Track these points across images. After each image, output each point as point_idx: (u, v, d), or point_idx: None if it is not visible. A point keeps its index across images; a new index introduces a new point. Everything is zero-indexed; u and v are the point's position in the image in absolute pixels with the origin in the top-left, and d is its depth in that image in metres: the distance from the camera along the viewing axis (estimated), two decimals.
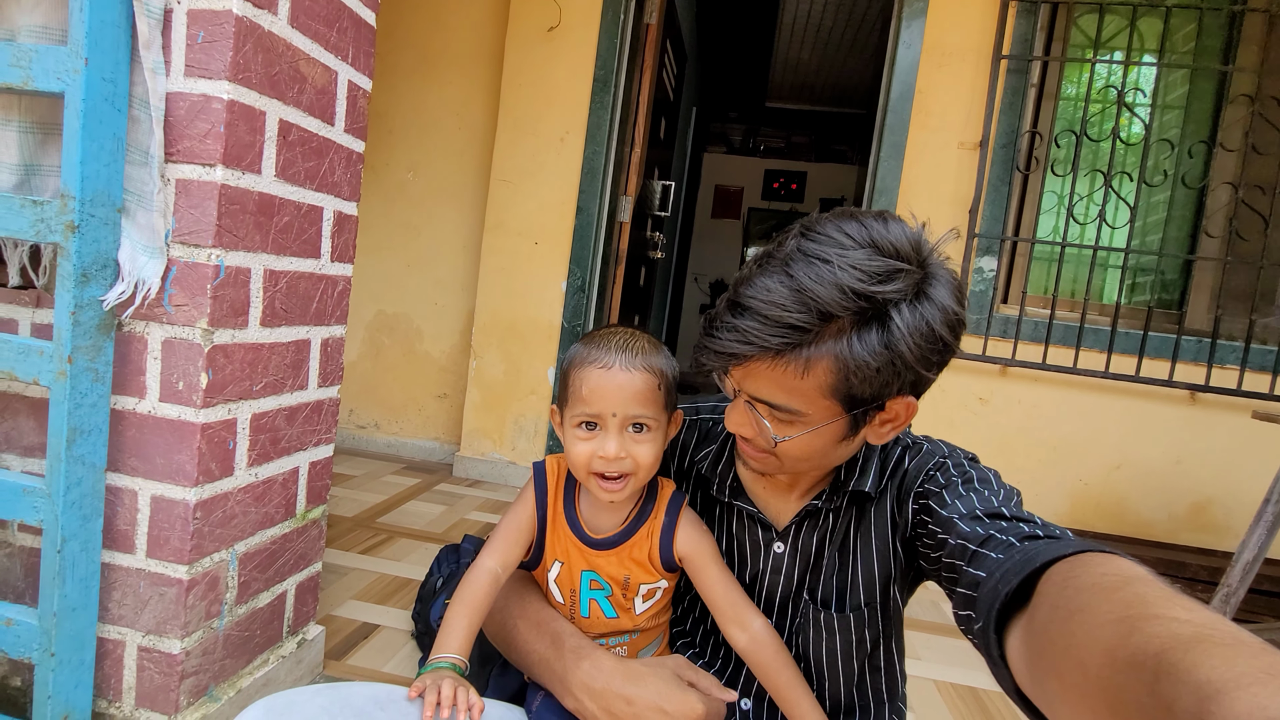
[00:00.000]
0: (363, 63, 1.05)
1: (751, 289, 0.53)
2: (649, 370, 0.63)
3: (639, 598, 0.68)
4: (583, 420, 0.63)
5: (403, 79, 2.62)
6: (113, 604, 0.87)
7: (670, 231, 4.21)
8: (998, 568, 0.47)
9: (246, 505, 0.94)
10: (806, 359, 0.52)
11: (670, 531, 0.67)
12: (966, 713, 1.31)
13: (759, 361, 0.54)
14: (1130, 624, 0.32)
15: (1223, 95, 2.18)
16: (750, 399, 0.57)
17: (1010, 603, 0.45)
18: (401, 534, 1.87)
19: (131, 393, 0.85)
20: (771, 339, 0.52)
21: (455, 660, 0.62)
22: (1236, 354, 2.11)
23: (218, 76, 0.81)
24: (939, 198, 2.21)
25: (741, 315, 0.53)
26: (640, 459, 0.63)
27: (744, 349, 0.53)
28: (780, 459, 0.60)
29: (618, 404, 0.62)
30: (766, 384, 0.55)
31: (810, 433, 0.56)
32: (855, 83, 5.01)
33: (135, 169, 0.80)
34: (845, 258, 0.51)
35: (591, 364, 0.63)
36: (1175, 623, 0.31)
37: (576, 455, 0.64)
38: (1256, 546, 1.61)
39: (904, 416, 0.58)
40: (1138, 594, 0.35)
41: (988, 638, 0.45)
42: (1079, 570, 0.41)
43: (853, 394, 0.54)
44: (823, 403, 0.55)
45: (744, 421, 0.59)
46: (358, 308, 2.70)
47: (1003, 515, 0.54)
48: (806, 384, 0.53)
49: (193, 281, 0.83)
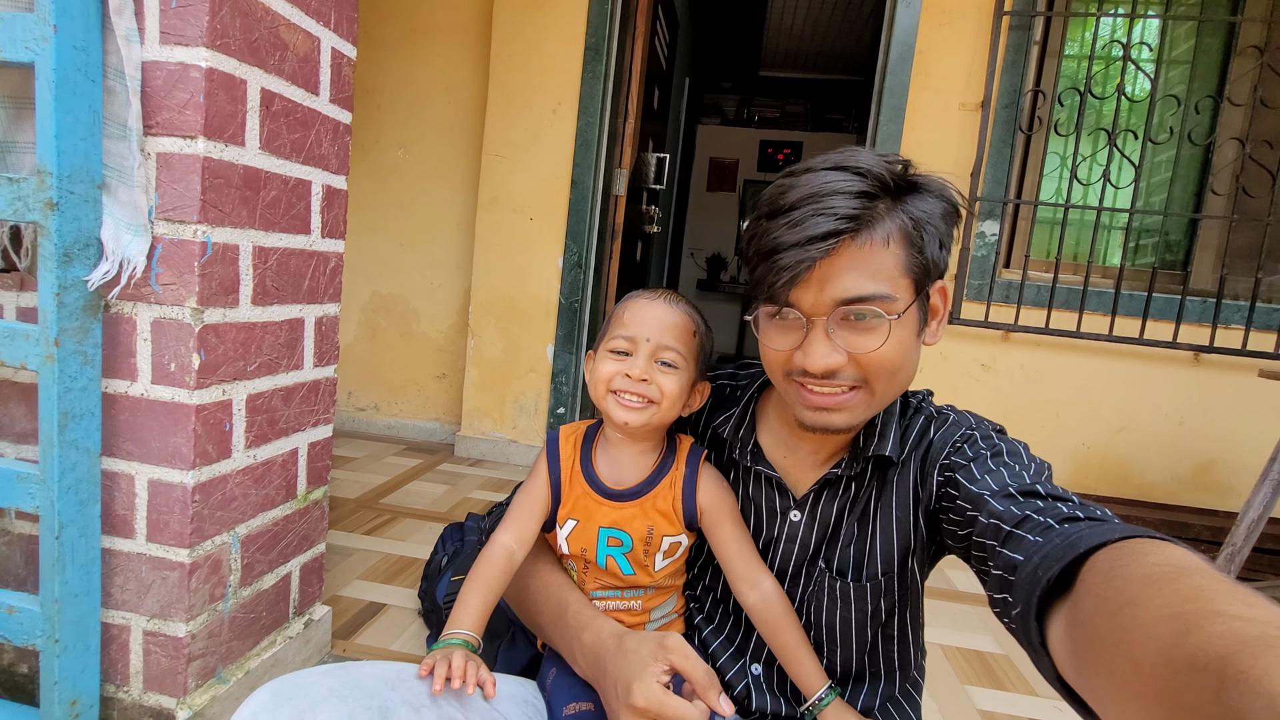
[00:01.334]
0: (346, 29, 1.01)
1: (797, 188, 0.55)
2: (689, 313, 0.67)
3: (660, 553, 0.67)
4: (616, 346, 0.65)
5: (390, 53, 2.55)
6: (115, 589, 0.86)
7: (665, 205, 4.16)
8: (1036, 551, 0.45)
9: (246, 487, 0.92)
10: (887, 229, 0.54)
11: (692, 483, 0.67)
12: (974, 675, 1.32)
13: (845, 248, 0.54)
14: (1187, 620, 0.30)
15: (1230, 48, 2.13)
16: (842, 305, 0.55)
17: (1051, 589, 0.43)
18: (405, 514, 1.87)
19: (123, 375, 0.83)
20: (852, 207, 0.53)
21: (467, 637, 0.61)
22: (1241, 313, 2.09)
23: (194, 43, 0.77)
24: (940, 161, 2.17)
25: (805, 205, 0.54)
26: (665, 388, 0.63)
27: (834, 225, 0.53)
28: (872, 381, 0.57)
29: (654, 330, 0.64)
30: (855, 275, 0.54)
31: (900, 325, 0.56)
32: (850, 48, 4.91)
33: (114, 143, 0.77)
34: (851, 154, 0.56)
35: (638, 296, 0.67)
36: (1238, 621, 0.29)
37: (601, 373, 0.65)
38: (1261, 505, 1.61)
39: (943, 307, 0.61)
40: (1194, 587, 0.33)
41: (1028, 625, 0.43)
42: (1127, 558, 0.38)
43: (923, 266, 0.56)
44: (904, 282, 0.56)
45: (829, 349, 0.56)
46: (352, 289, 2.67)
47: (1038, 494, 0.52)
48: (890, 259, 0.55)
49: (179, 259, 0.80)
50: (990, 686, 1.28)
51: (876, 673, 0.70)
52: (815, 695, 0.65)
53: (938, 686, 1.27)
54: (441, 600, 1.19)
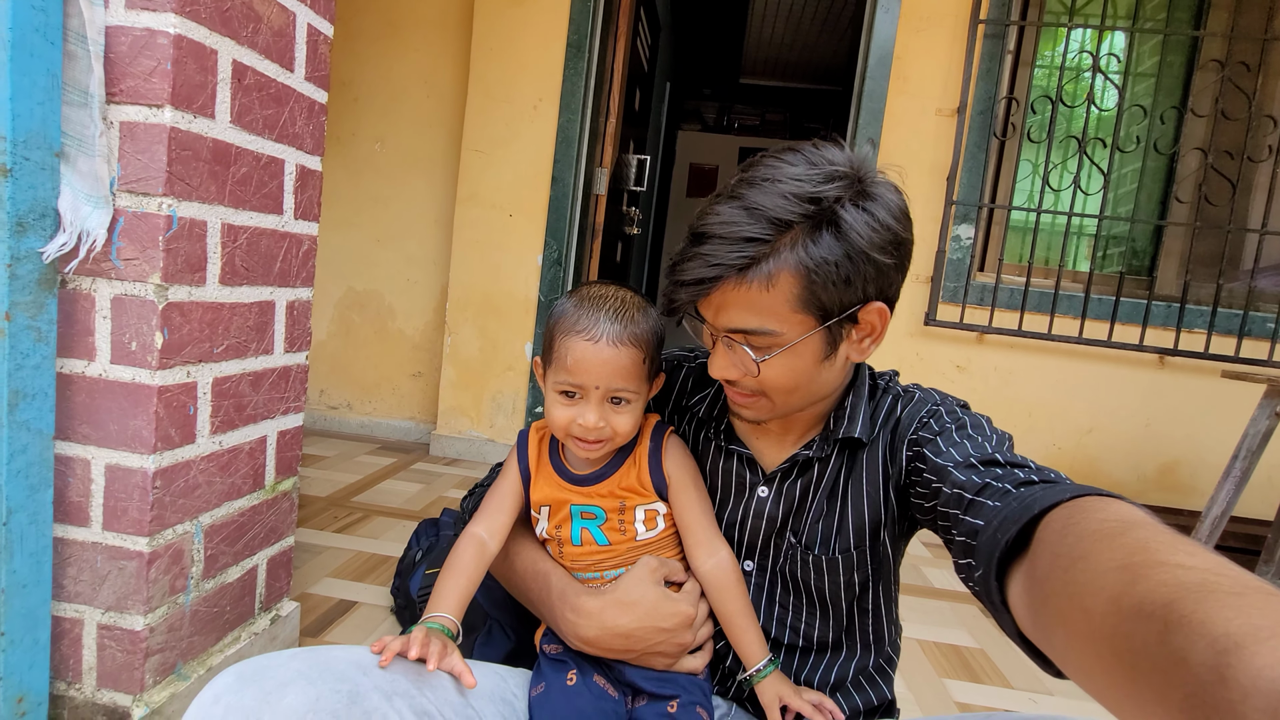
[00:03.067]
0: (323, 6, 0.99)
1: (707, 219, 0.57)
2: (635, 344, 0.63)
3: (639, 523, 0.67)
4: (564, 388, 0.63)
5: (368, 45, 2.51)
6: (68, 580, 0.81)
7: (646, 209, 4.16)
8: (995, 515, 0.47)
9: (211, 475, 0.89)
10: (769, 272, 0.55)
11: (658, 455, 0.68)
12: (950, 669, 1.33)
13: (727, 285, 0.56)
14: (1134, 571, 0.32)
15: (1193, 61, 2.21)
16: (727, 334, 0.58)
17: (1010, 550, 0.45)
18: (378, 512, 1.82)
19: (80, 355, 0.79)
20: (732, 256, 0.54)
21: (445, 621, 0.59)
22: (1204, 318, 2.15)
23: (162, 9, 0.74)
24: (917, 165, 2.20)
25: (702, 243, 0.56)
26: (618, 428, 0.63)
27: (710, 271, 0.55)
28: (770, 395, 0.60)
29: (601, 378, 0.62)
30: (738, 310, 0.57)
31: (789, 353, 0.57)
32: (829, 59, 4.98)
33: (74, 110, 0.74)
34: (786, 173, 0.55)
35: (578, 334, 0.62)
36: (1180, 569, 0.31)
37: (556, 419, 0.64)
38: (1224, 502, 1.66)
39: (879, 326, 0.60)
40: (1139, 539, 0.34)
41: (989, 585, 0.45)
42: (1078, 516, 0.40)
43: (822, 302, 0.56)
44: (795, 318, 0.56)
45: (727, 364, 0.60)
46: (326, 285, 2.61)
47: (997, 462, 0.54)
48: (775, 298, 0.55)
49: (143, 233, 0.77)
50: (966, 679, 1.29)
51: (853, 645, 0.71)
52: (754, 666, 0.66)
53: (916, 680, 1.27)
54: (416, 594, 1.16)
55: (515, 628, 0.90)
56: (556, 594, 0.66)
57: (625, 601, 0.63)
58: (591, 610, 0.62)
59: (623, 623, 0.62)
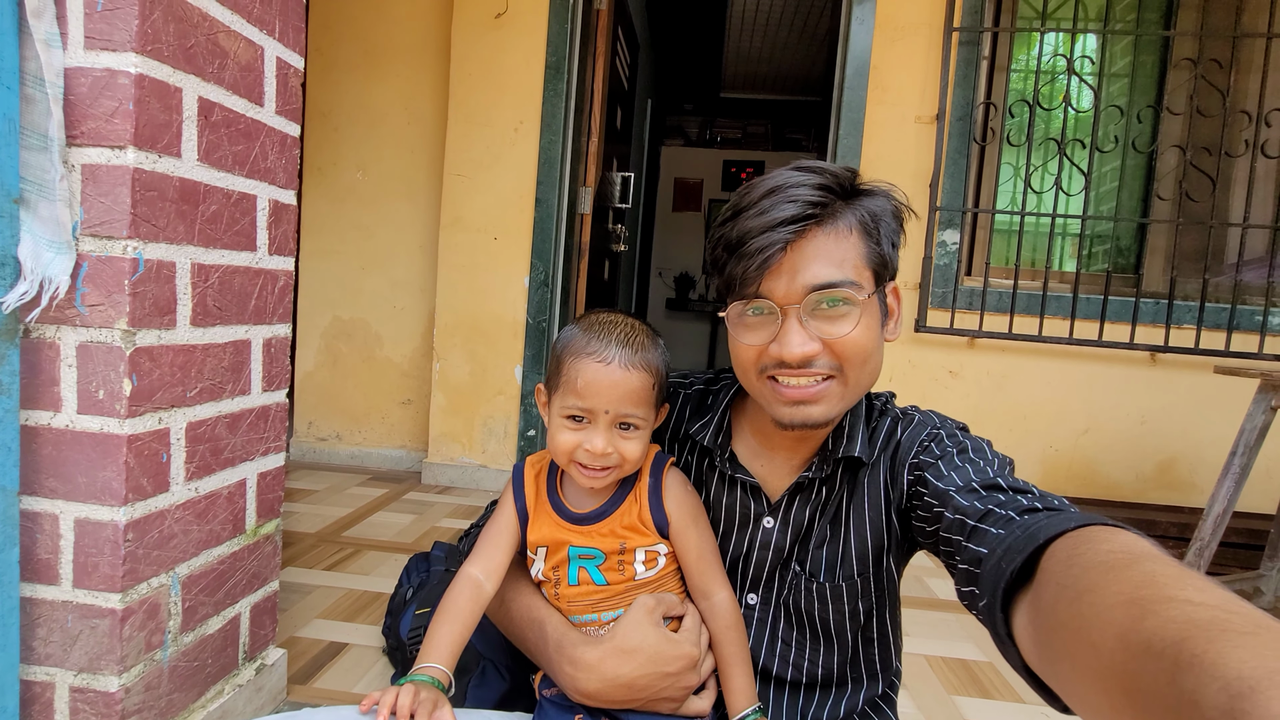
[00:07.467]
0: (292, 39, 0.97)
1: (763, 187, 0.58)
2: (647, 369, 0.61)
3: (639, 563, 0.65)
4: (572, 412, 0.61)
5: (346, 74, 2.51)
6: (37, 642, 0.78)
7: (632, 225, 4.16)
8: (999, 544, 0.46)
9: (187, 523, 0.85)
10: (848, 223, 0.58)
11: (658, 491, 0.65)
12: (960, 685, 1.30)
13: (812, 234, 0.57)
14: (1142, 606, 0.31)
15: (1166, 61, 2.23)
16: (813, 290, 0.57)
17: (1015, 580, 0.44)
18: (369, 546, 1.78)
19: (45, 406, 0.76)
20: (815, 197, 0.56)
21: (436, 673, 0.57)
22: (1193, 313, 2.15)
23: (123, 48, 0.72)
24: (900, 172, 2.20)
25: (775, 194, 0.57)
26: (626, 455, 0.61)
27: (800, 210, 0.55)
28: (846, 369, 0.59)
29: (611, 402, 0.60)
30: (822, 262, 0.57)
31: (866, 315, 0.58)
32: (807, 70, 5.03)
33: (33, 154, 0.72)
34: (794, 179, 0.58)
35: (589, 356, 0.60)
36: (1190, 606, 0.30)
37: (561, 444, 0.62)
38: (1226, 499, 1.64)
39: (897, 309, 0.64)
40: (1147, 572, 0.34)
41: (994, 616, 0.44)
42: (1083, 546, 0.39)
43: (880, 258, 0.59)
44: (865, 273, 0.58)
45: (805, 338, 0.57)
46: (312, 315, 2.59)
47: (999, 487, 0.53)
48: (852, 249, 0.58)
49: (108, 278, 0.74)
50: (977, 695, 1.26)
51: (859, 677, 0.69)
52: (738, 714, 0.64)
53: (926, 699, 1.24)
54: (406, 636, 1.12)
55: (510, 668, 0.86)
56: (553, 645, 0.63)
57: (625, 649, 0.60)
58: (590, 662, 0.60)
59: (624, 672, 0.59)
